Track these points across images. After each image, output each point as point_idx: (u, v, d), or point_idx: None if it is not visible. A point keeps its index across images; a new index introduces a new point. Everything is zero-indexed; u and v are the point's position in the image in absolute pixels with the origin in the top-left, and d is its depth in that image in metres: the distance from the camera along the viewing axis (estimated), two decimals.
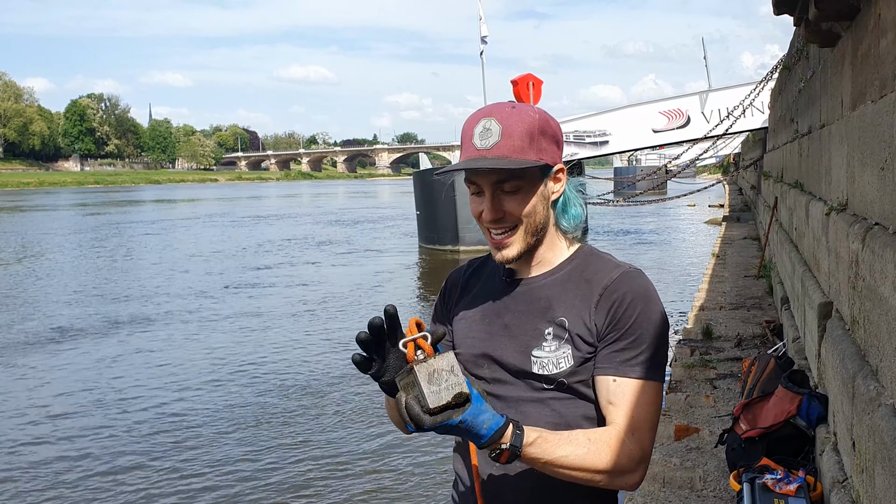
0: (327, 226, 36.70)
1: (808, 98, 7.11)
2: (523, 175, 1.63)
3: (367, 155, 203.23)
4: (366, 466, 7.05)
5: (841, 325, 3.95)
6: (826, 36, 4.84)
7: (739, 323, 9.16)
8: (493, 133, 1.60)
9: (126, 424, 8.37)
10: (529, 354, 1.65)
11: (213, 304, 15.54)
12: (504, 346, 1.69)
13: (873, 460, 2.69)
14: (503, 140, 1.60)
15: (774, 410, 4.31)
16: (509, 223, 1.64)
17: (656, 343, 1.62)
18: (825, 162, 5.28)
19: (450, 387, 1.38)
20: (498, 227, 1.65)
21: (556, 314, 1.65)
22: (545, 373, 1.63)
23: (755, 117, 22.08)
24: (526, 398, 1.66)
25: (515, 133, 1.61)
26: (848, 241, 3.68)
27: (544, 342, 1.64)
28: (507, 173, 1.62)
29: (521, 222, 1.64)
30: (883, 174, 3.04)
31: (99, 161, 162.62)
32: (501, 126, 1.61)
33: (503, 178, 1.62)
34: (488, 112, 1.64)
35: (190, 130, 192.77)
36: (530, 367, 1.64)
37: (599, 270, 1.68)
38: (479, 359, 1.72)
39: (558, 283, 1.70)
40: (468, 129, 1.65)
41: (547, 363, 1.63)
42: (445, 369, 1.39)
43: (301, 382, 9.84)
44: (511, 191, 1.63)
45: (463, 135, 1.67)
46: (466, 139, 1.65)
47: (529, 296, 1.71)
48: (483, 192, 1.65)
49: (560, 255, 1.74)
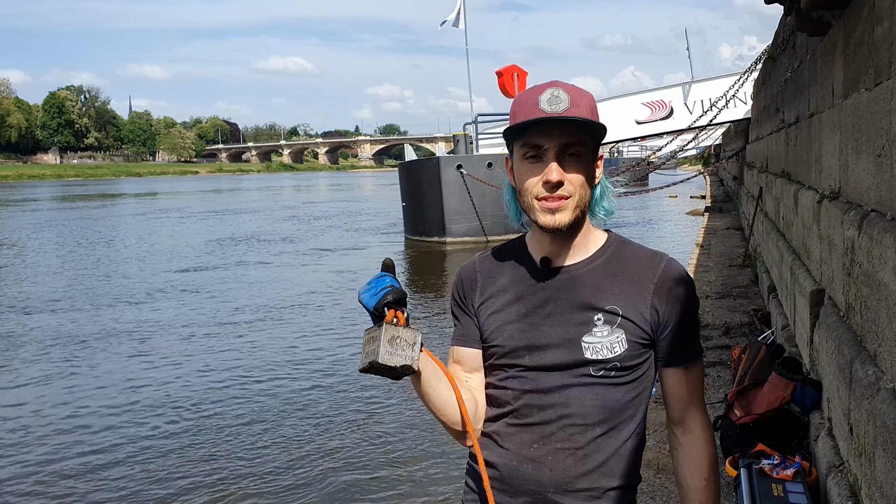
0: (312, 218, 36.53)
1: (795, 87, 7.15)
2: (586, 144, 1.67)
3: (349, 146, 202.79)
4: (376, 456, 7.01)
5: (835, 311, 3.99)
6: (816, 25, 4.87)
7: (726, 312, 9.22)
8: (563, 101, 1.63)
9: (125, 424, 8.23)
10: (580, 341, 1.68)
11: (198, 301, 15.38)
12: (549, 334, 1.70)
13: (873, 444, 2.72)
14: (573, 108, 1.63)
15: (769, 397, 4.35)
16: (566, 191, 1.65)
17: (698, 321, 1.77)
18: (815, 150, 5.31)
19: (403, 357, 1.60)
20: (555, 195, 1.66)
21: (605, 302, 1.69)
22: (599, 357, 1.67)
23: (738, 108, 22.19)
24: (571, 384, 1.69)
25: (582, 105, 1.65)
26: (843, 228, 3.71)
27: (595, 328, 1.68)
28: (579, 135, 1.65)
29: (574, 193, 1.66)
30: (880, 161, 3.07)
31: (79, 154, 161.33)
32: (570, 96, 1.64)
33: (572, 142, 1.65)
34: (553, 84, 1.67)
35: (170, 122, 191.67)
36: (581, 353, 1.67)
37: (640, 257, 1.76)
38: (518, 350, 1.73)
39: (600, 270, 1.74)
40: (531, 97, 1.66)
41: (601, 348, 1.67)
42: (407, 341, 1.61)
43: (296, 373, 9.79)
44: (574, 156, 1.66)
45: (521, 105, 1.67)
46: (530, 106, 1.65)
47: (572, 283, 1.73)
48: (541, 159, 1.66)
49: (595, 243, 1.78)
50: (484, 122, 26.78)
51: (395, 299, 1.62)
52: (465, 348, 1.82)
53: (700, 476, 1.76)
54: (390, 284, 1.64)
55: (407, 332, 1.61)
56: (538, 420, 1.70)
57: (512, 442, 1.73)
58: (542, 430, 1.70)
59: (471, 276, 1.86)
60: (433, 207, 23.87)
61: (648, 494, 4.29)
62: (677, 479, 1.82)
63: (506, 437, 1.74)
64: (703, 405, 1.81)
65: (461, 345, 1.83)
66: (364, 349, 1.63)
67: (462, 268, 1.90)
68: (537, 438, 1.70)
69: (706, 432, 1.79)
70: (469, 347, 1.82)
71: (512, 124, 1.67)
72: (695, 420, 1.78)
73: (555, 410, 1.69)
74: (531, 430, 1.71)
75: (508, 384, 1.74)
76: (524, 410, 1.72)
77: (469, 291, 1.84)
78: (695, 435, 1.78)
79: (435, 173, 23.68)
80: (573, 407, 1.68)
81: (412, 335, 1.62)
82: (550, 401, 1.69)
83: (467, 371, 1.82)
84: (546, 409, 1.70)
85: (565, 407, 1.68)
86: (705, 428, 1.79)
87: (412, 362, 1.60)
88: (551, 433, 1.69)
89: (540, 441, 1.70)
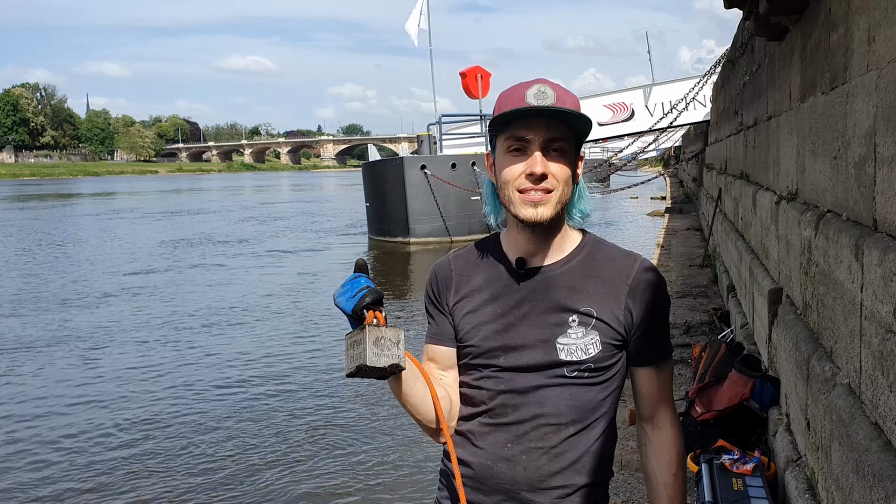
0: (272, 219, 36.24)
1: (753, 91, 7.29)
2: (570, 140, 1.70)
3: (312, 146, 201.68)
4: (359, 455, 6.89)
5: (792, 309, 4.09)
6: (775, 29, 4.98)
7: (687, 311, 9.36)
8: (550, 96, 1.65)
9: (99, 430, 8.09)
10: (554, 342, 1.70)
11: (149, 305, 15.16)
12: (524, 335, 1.72)
13: (830, 438, 2.80)
14: (559, 103, 1.65)
15: (729, 394, 4.44)
16: (549, 185, 1.66)
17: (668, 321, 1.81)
18: (773, 152, 5.43)
19: (390, 356, 1.59)
20: (538, 188, 1.66)
21: (580, 303, 1.72)
22: (574, 359, 1.69)
23: (697, 111, 22.55)
24: (545, 384, 1.71)
25: (568, 102, 1.67)
26: (800, 228, 3.80)
27: (569, 329, 1.70)
28: (564, 131, 1.67)
29: (557, 187, 1.67)
30: (835, 163, 3.16)
31: (34, 152, 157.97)
32: (556, 93, 1.66)
33: (557, 137, 1.67)
34: (539, 81, 1.69)
35: (129, 121, 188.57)
36: (556, 354, 1.70)
37: (615, 258, 1.78)
38: (494, 350, 1.74)
39: (575, 271, 1.75)
40: (517, 92, 1.67)
41: (575, 349, 1.69)
42: (392, 340, 1.60)
43: (254, 375, 9.69)
44: (558, 152, 1.67)
45: (507, 99, 1.68)
46: (517, 99, 1.66)
47: (548, 284, 1.74)
48: (524, 151, 1.67)
49: (571, 243, 1.79)
50: (448, 123, 26.86)
51: (373, 300, 1.61)
52: (440, 346, 1.83)
53: (669, 471, 1.80)
54: (366, 286, 1.62)
55: (390, 331, 1.60)
56: (512, 420, 1.72)
57: (486, 441, 1.75)
58: (516, 429, 1.72)
59: (445, 274, 1.86)
60: (397, 208, 23.86)
61: (612, 490, 4.35)
62: (646, 474, 1.86)
63: (480, 437, 1.76)
64: (672, 402, 1.85)
65: (436, 343, 1.84)
66: (348, 354, 1.62)
67: (437, 265, 1.90)
68: (511, 438, 1.73)
69: (675, 429, 1.83)
70: (443, 346, 1.83)
71: (497, 114, 1.68)
72: (664, 417, 1.82)
73: (529, 410, 1.71)
74: (506, 429, 1.73)
75: (483, 384, 1.76)
76: (499, 410, 1.74)
77: (444, 290, 1.84)
78: (664, 431, 1.82)
79: (399, 174, 23.67)
80: (547, 407, 1.71)
81: (395, 333, 1.61)
82: (525, 401, 1.72)
83: (441, 369, 1.83)
84: (520, 408, 1.72)
85: (539, 407, 1.71)
86: (674, 424, 1.83)
87: (399, 360, 1.61)
88: (525, 433, 1.72)
89: (514, 440, 1.72)
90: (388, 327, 1.61)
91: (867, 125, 2.59)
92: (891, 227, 2.30)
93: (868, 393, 2.40)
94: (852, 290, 2.62)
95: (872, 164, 2.51)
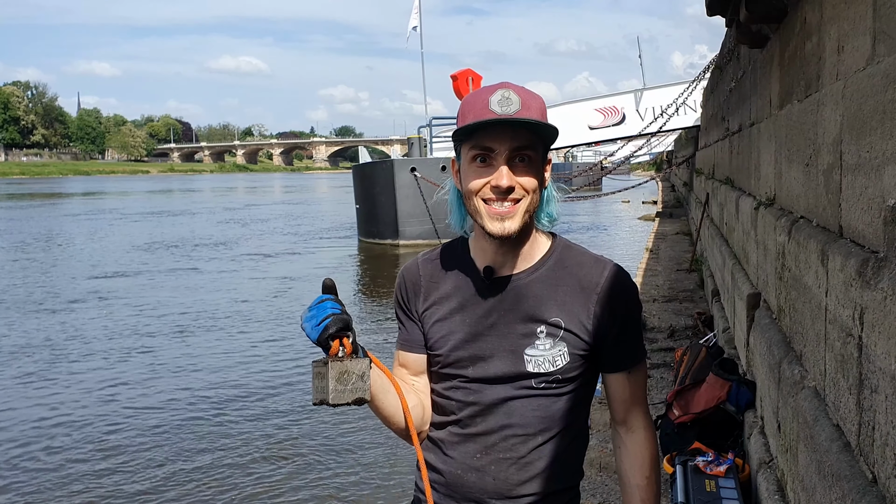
0: (262, 220, 36.20)
1: (738, 97, 7.36)
2: (536, 148, 1.64)
3: (304, 148, 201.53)
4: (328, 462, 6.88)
5: (768, 314, 4.14)
6: (756, 37, 5.03)
7: (672, 315, 9.43)
8: (514, 102, 1.60)
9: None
10: (522, 354, 1.69)
11: (153, 307, 15.19)
12: (493, 346, 1.71)
13: (797, 439, 2.85)
14: (524, 110, 1.60)
15: (706, 397, 4.49)
16: (517, 195, 1.62)
17: (641, 325, 1.81)
18: (755, 159, 5.49)
19: (354, 390, 1.55)
20: (504, 199, 1.62)
21: (548, 314, 1.70)
22: (541, 371, 1.69)
23: (688, 115, 22.68)
24: (513, 396, 1.71)
25: (533, 107, 1.62)
26: (775, 233, 3.86)
27: (537, 340, 1.69)
28: (530, 139, 1.62)
29: (525, 197, 1.63)
30: (808, 170, 3.21)
31: (24, 151, 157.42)
32: (521, 98, 1.61)
33: (523, 146, 1.61)
34: (503, 85, 1.64)
35: (120, 121, 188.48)
36: (524, 366, 1.69)
37: (584, 265, 1.75)
38: (462, 360, 1.74)
39: (544, 280, 1.72)
40: (480, 98, 1.62)
41: (542, 361, 1.69)
42: (356, 373, 1.56)
43: (243, 381, 9.70)
44: (524, 161, 1.62)
45: (470, 106, 1.63)
46: (480, 107, 1.60)
47: (516, 294, 1.72)
48: (492, 162, 1.62)
49: (540, 250, 1.76)
50: (438, 126, 26.92)
51: (337, 330, 1.55)
52: (410, 353, 1.82)
53: (642, 474, 1.80)
54: (331, 313, 1.55)
55: (354, 363, 1.55)
56: (481, 430, 1.73)
57: (457, 451, 1.76)
58: (484, 440, 1.73)
59: (414, 279, 1.83)
60: (387, 210, 23.88)
61: (589, 492, 4.40)
62: (620, 476, 1.85)
63: (450, 446, 1.77)
64: (646, 405, 1.85)
65: (406, 350, 1.83)
66: (314, 383, 1.57)
67: (405, 268, 1.87)
68: (480, 448, 1.73)
69: (648, 432, 1.83)
70: (414, 353, 1.82)
71: (461, 126, 1.62)
72: (637, 420, 1.82)
73: (497, 421, 1.72)
74: (475, 440, 1.74)
75: (453, 394, 1.76)
76: (467, 421, 1.74)
77: (412, 296, 1.82)
78: (637, 434, 1.81)
79: (389, 176, 23.70)
80: (515, 418, 1.71)
81: (360, 366, 1.56)
82: (493, 412, 1.72)
83: (413, 374, 1.83)
84: (489, 419, 1.72)
85: (507, 417, 1.71)
86: (647, 428, 1.83)
87: (363, 394, 1.56)
88: (494, 443, 1.72)
89: (483, 451, 1.73)
90: (353, 359, 1.56)
91: (835, 133, 2.64)
92: (854, 233, 2.35)
93: (831, 395, 2.45)
94: (818, 294, 2.68)
95: (839, 172, 2.56)
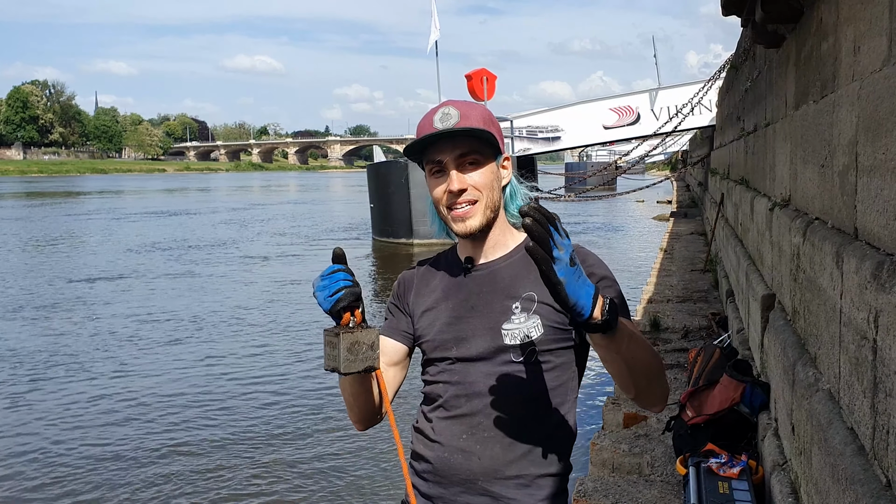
0: (280, 219, 36.36)
1: (754, 97, 7.32)
2: (482, 151, 1.81)
3: (320, 147, 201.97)
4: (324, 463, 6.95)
5: (783, 315, 4.12)
6: (772, 37, 5.01)
7: (686, 315, 9.38)
8: (453, 116, 1.79)
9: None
10: (500, 329, 1.79)
11: (165, 303, 15.27)
12: (473, 326, 1.83)
13: (811, 442, 2.83)
14: (462, 121, 1.78)
15: (719, 398, 4.47)
16: (471, 196, 1.80)
17: (618, 287, 1.81)
18: (770, 159, 5.46)
19: (364, 360, 1.65)
20: (461, 201, 1.80)
21: (522, 290, 1.81)
22: (516, 342, 1.77)
23: (703, 115, 22.55)
24: (495, 373, 1.78)
25: (472, 116, 1.81)
26: (790, 235, 3.84)
27: (513, 315, 1.79)
28: (472, 144, 1.79)
29: (481, 196, 1.81)
30: (823, 171, 3.20)
31: (43, 149, 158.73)
32: (459, 111, 1.80)
33: (467, 151, 1.79)
34: (446, 103, 1.84)
35: (137, 119, 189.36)
36: (501, 340, 1.78)
37: None
38: (447, 342, 1.85)
39: (519, 263, 1.85)
40: (427, 118, 1.82)
41: (518, 333, 1.78)
42: (366, 344, 1.65)
43: (263, 379, 9.76)
44: (473, 164, 1.81)
45: (420, 127, 1.84)
46: (426, 126, 1.81)
47: (493, 277, 1.86)
48: (444, 172, 1.81)
49: (514, 240, 1.91)
50: None
51: (348, 303, 1.64)
52: (390, 339, 1.92)
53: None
54: (343, 286, 1.64)
55: (364, 334, 1.65)
56: (466, 411, 1.80)
57: (442, 435, 1.82)
58: (469, 420, 1.79)
59: (409, 279, 2.01)
60: (401, 209, 23.91)
61: (602, 493, 4.39)
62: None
63: (437, 430, 1.83)
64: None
65: (387, 335, 1.93)
66: (325, 351, 1.68)
67: (404, 272, 2.04)
68: (466, 429, 1.79)
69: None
70: (393, 339, 1.93)
71: (408, 145, 1.83)
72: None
73: (481, 400, 1.78)
74: (460, 420, 1.80)
75: (439, 377, 1.85)
76: (453, 402, 1.81)
77: (406, 292, 1.99)
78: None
79: (403, 175, 23.70)
80: (498, 395, 1.77)
81: (370, 336, 1.66)
82: (476, 390, 1.79)
83: (387, 363, 1.90)
84: (473, 400, 1.79)
85: (491, 396, 1.77)
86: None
87: (373, 362, 1.67)
88: (479, 423, 1.78)
89: (469, 431, 1.79)
90: (363, 329, 1.66)
91: (850, 134, 2.63)
92: (869, 235, 2.33)
93: (845, 398, 2.44)
94: (833, 296, 2.66)
95: (854, 173, 2.55)
